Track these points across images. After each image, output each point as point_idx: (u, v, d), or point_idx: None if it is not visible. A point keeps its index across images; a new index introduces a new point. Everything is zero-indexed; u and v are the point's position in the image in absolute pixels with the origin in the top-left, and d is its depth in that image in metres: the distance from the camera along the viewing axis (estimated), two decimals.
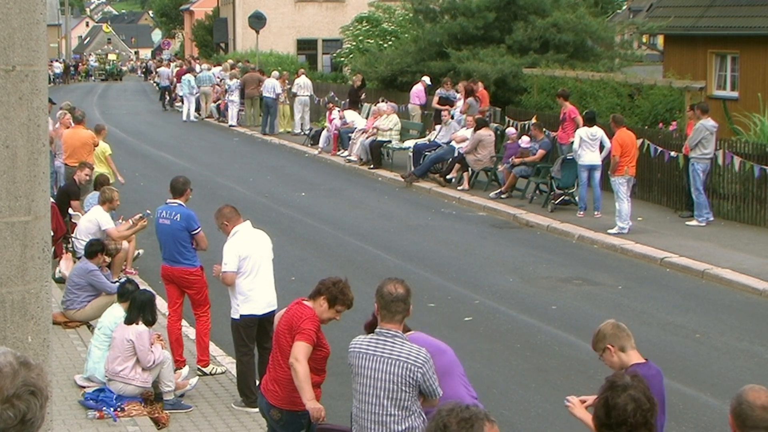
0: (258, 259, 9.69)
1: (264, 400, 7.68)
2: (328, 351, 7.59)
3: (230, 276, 9.67)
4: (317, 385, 7.52)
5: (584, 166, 19.04)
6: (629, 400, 4.74)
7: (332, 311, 7.48)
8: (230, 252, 9.70)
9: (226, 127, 36.61)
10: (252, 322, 9.81)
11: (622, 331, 6.36)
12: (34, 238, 3.76)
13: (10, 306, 3.70)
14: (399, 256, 16.51)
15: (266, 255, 9.78)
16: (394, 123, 26.03)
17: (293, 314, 7.45)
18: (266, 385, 7.66)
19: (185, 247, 10.77)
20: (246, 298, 9.71)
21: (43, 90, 3.78)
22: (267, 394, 7.62)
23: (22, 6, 3.70)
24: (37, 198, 3.76)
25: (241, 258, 9.64)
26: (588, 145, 18.85)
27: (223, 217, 9.85)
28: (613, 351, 6.28)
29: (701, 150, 17.97)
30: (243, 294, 9.71)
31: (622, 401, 4.75)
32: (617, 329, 6.36)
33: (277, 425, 7.64)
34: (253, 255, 9.67)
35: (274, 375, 7.54)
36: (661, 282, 15.09)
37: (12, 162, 3.69)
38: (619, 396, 4.76)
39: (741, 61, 26.55)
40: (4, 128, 3.67)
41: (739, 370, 11.33)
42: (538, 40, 28.33)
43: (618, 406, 4.75)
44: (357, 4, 46.88)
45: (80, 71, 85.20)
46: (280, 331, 7.50)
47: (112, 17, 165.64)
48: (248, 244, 9.71)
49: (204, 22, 69.70)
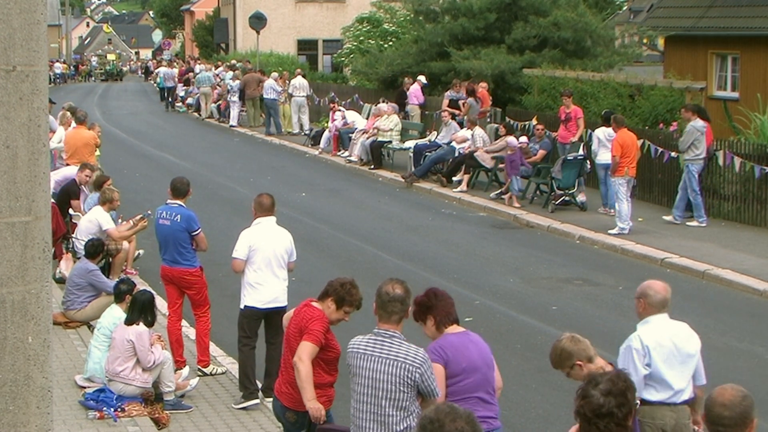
0: (269, 254, 9.71)
1: (278, 403, 7.67)
2: (339, 352, 7.57)
3: (237, 263, 9.76)
4: (330, 385, 7.54)
5: (602, 165, 19.39)
6: (600, 393, 4.81)
7: (340, 312, 7.50)
8: (243, 240, 9.80)
9: (227, 127, 36.62)
10: (255, 314, 9.85)
11: (582, 342, 6.32)
12: (35, 239, 3.76)
13: (11, 306, 3.70)
14: (399, 256, 16.51)
15: (280, 252, 9.77)
16: (395, 123, 26.04)
17: (303, 316, 7.45)
18: (280, 388, 7.65)
19: (185, 248, 10.76)
20: (252, 289, 9.76)
21: (43, 90, 3.78)
22: (281, 396, 7.60)
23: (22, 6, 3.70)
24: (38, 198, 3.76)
25: (252, 249, 9.69)
26: (605, 145, 18.97)
27: (256, 204, 9.91)
28: (583, 365, 6.26)
29: (694, 151, 18.01)
30: (250, 285, 9.77)
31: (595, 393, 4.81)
32: (578, 343, 6.31)
33: (293, 427, 7.62)
34: (265, 249, 9.69)
35: (288, 378, 7.54)
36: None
37: (12, 162, 3.69)
38: (593, 388, 4.82)
39: (741, 62, 26.55)
40: (4, 128, 3.67)
41: (739, 370, 11.33)
42: (537, 37, 28.35)
43: (589, 396, 4.82)
44: (358, 4, 46.90)
45: (81, 71, 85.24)
46: (291, 334, 7.50)
47: (112, 17, 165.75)
48: (263, 238, 9.74)
49: (204, 22, 69.76)
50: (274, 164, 27.41)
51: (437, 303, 6.88)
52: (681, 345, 7.24)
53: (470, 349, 6.82)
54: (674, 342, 7.21)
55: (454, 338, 6.84)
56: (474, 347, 6.86)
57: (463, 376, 6.72)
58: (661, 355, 7.13)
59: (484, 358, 6.87)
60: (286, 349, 7.59)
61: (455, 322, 6.93)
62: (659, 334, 7.19)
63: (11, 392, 3.72)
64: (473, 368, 6.76)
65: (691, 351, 7.28)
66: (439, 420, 4.10)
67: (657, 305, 7.24)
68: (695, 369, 7.34)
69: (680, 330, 7.33)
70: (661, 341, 7.16)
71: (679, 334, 7.29)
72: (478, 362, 6.79)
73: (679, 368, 7.22)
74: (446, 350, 6.75)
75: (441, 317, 6.85)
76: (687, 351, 7.25)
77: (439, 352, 6.74)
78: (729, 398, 4.58)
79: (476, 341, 6.92)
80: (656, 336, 7.17)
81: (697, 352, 7.34)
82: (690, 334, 7.35)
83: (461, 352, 6.77)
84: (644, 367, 7.05)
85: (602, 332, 12.68)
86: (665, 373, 7.15)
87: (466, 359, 6.75)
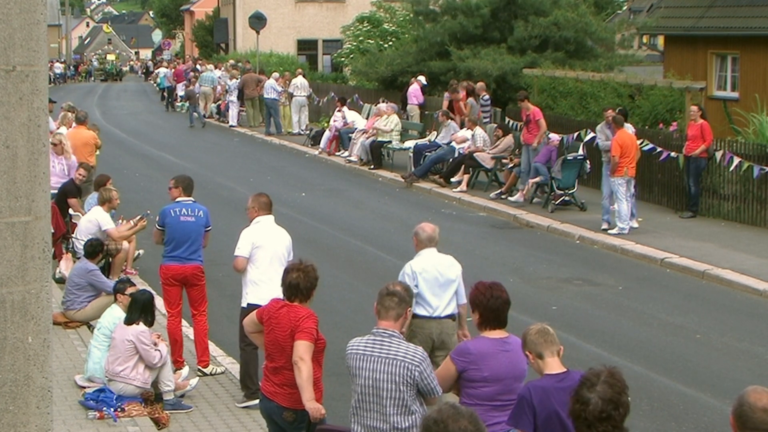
0: (272, 252, 9.72)
1: (273, 403, 7.53)
2: (325, 341, 7.56)
3: (241, 261, 9.74)
4: (320, 379, 7.50)
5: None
6: (595, 396, 4.78)
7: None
8: (245, 238, 9.79)
9: (227, 127, 36.62)
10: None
11: (542, 336, 6.07)
12: (35, 239, 3.76)
13: (11, 306, 3.70)
14: (399, 256, 16.46)
15: (282, 251, 9.78)
16: (395, 123, 26.04)
17: (290, 317, 7.40)
18: (272, 389, 7.57)
19: (200, 244, 10.88)
20: (255, 287, 9.74)
21: (43, 90, 3.78)
22: (276, 397, 7.50)
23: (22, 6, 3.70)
24: (38, 198, 3.76)
25: (255, 246, 9.69)
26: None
27: (258, 203, 9.86)
28: (531, 358, 6.09)
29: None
30: (253, 283, 9.75)
31: (589, 395, 4.79)
32: (538, 335, 6.08)
33: (290, 427, 7.58)
34: (268, 247, 9.71)
35: (283, 378, 7.46)
36: (662, 282, 15.09)
37: (12, 162, 3.69)
38: (588, 391, 4.80)
39: (741, 62, 26.53)
40: (4, 128, 3.67)
41: (739, 370, 11.33)
42: (538, 38, 28.35)
43: (583, 399, 4.80)
44: (357, 4, 46.89)
45: (80, 72, 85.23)
46: (283, 337, 7.45)
47: (112, 17, 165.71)
48: (265, 235, 9.75)
49: (204, 22, 69.73)
50: (274, 164, 27.41)
51: (488, 304, 6.68)
52: (443, 272, 9.04)
53: (499, 359, 6.63)
54: (438, 269, 9.03)
55: (488, 344, 6.68)
56: (505, 357, 6.64)
57: (482, 383, 6.60)
58: (426, 280, 8.98)
59: (513, 369, 6.66)
60: (276, 351, 7.50)
61: (501, 326, 6.73)
62: (426, 263, 9.04)
63: (11, 392, 3.72)
64: (496, 378, 6.60)
65: (452, 277, 9.08)
66: (442, 421, 4.12)
67: (425, 241, 9.15)
68: (456, 291, 9.11)
69: (444, 260, 9.13)
70: (426, 268, 9.00)
71: (442, 263, 9.09)
72: (502, 373, 6.61)
73: (440, 290, 9.03)
74: (469, 356, 6.64)
75: (486, 318, 6.69)
76: (448, 276, 9.06)
77: (460, 358, 6.67)
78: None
79: (513, 349, 6.65)
80: (423, 264, 9.03)
81: (458, 277, 9.11)
82: (451, 264, 9.14)
83: (487, 360, 6.61)
84: (413, 287, 8.51)
85: (602, 332, 12.70)
86: (429, 293, 9.00)
87: (489, 369, 6.60)
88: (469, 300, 6.90)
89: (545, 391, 5.88)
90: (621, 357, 11.51)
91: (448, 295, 9.08)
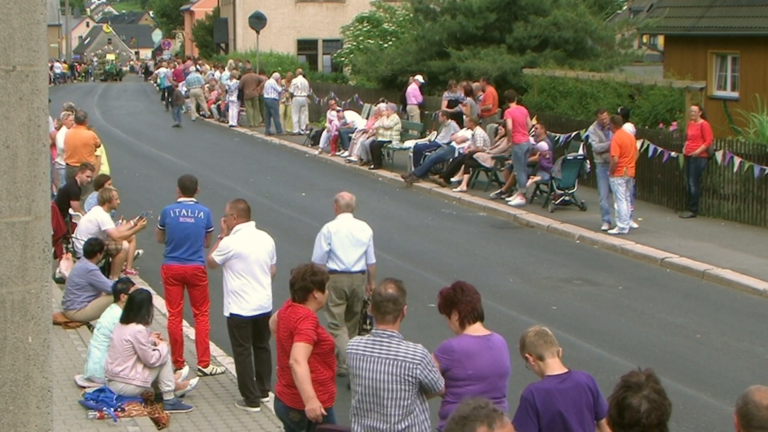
0: (253, 261, 9.72)
1: (281, 403, 7.66)
2: (332, 342, 7.60)
3: (212, 264, 9.97)
4: (331, 380, 7.52)
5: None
6: (643, 401, 4.72)
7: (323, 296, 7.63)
8: (222, 247, 9.80)
9: (227, 127, 36.62)
10: (242, 322, 9.83)
11: (541, 338, 6.11)
12: (35, 239, 3.75)
13: (11, 306, 3.70)
14: (399, 256, 16.50)
15: (263, 258, 9.78)
16: (395, 123, 26.04)
17: (289, 318, 7.44)
18: (281, 390, 7.65)
19: (201, 245, 10.88)
20: (236, 297, 9.76)
21: (43, 90, 3.78)
22: (282, 397, 7.60)
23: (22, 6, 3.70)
24: (38, 198, 3.76)
25: (234, 256, 9.68)
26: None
27: (236, 210, 9.85)
28: (531, 360, 6.10)
29: None
30: (234, 293, 9.77)
31: (635, 402, 4.73)
32: (537, 337, 6.12)
33: (298, 427, 7.62)
34: (249, 257, 9.70)
35: (287, 379, 7.52)
36: (662, 282, 15.09)
37: (12, 162, 3.69)
38: (633, 396, 4.74)
39: (741, 62, 26.53)
40: (4, 128, 3.67)
41: (739, 370, 11.33)
42: (538, 37, 28.34)
43: (632, 406, 4.74)
44: (357, 4, 46.89)
45: (80, 71, 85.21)
46: (282, 337, 7.49)
47: (112, 17, 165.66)
48: (246, 245, 9.74)
49: (204, 22, 69.74)
50: (274, 164, 27.41)
51: (463, 298, 6.76)
52: (355, 234, 10.54)
53: (484, 356, 6.65)
54: (350, 231, 10.54)
55: (471, 342, 6.69)
56: (489, 354, 6.68)
57: (467, 382, 6.60)
58: (339, 239, 10.49)
59: (497, 366, 6.69)
60: (281, 352, 7.56)
61: (480, 318, 6.79)
62: (341, 225, 10.57)
63: (11, 392, 3.72)
64: (480, 376, 6.61)
65: (363, 239, 10.59)
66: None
67: (343, 207, 10.70)
68: (366, 252, 10.58)
69: (357, 224, 10.63)
70: (340, 229, 10.53)
71: (355, 226, 10.60)
72: (487, 371, 6.63)
73: (351, 249, 10.51)
74: (453, 354, 6.65)
75: (465, 313, 6.74)
76: (358, 238, 10.57)
77: (444, 356, 6.67)
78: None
79: (496, 347, 6.72)
80: (338, 226, 10.56)
81: (369, 239, 10.62)
82: (363, 228, 10.63)
83: (471, 358, 6.62)
84: (327, 245, 10.45)
85: (602, 332, 12.69)
86: (342, 251, 10.48)
87: (474, 367, 6.60)
88: (440, 307, 6.88)
89: (548, 393, 5.88)
90: (621, 357, 11.51)
91: (358, 253, 10.54)
